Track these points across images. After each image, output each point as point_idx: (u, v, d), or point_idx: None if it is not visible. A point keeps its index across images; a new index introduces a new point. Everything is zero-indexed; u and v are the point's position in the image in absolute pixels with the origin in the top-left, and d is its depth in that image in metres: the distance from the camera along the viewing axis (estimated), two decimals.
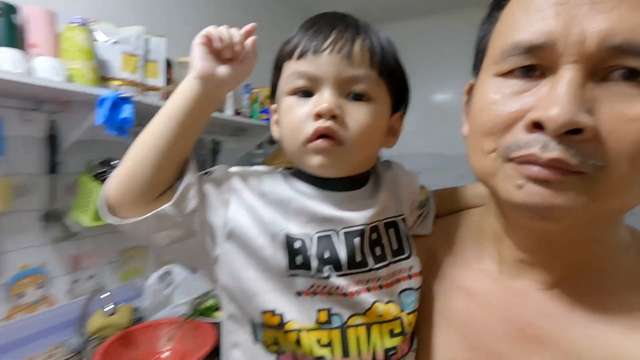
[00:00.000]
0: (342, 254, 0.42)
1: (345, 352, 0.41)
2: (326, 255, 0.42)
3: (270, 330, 0.42)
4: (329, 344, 0.41)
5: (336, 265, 0.42)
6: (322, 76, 0.42)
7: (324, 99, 0.41)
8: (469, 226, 0.50)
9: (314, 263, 0.41)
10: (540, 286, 0.40)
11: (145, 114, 1.21)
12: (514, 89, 0.34)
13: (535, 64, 0.33)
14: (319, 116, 0.41)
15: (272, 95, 0.50)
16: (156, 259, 1.46)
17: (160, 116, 0.40)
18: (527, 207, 0.33)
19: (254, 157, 1.95)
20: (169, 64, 1.29)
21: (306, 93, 0.43)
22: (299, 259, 0.41)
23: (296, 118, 0.43)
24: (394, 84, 0.46)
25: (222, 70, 0.41)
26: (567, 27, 0.31)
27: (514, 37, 0.34)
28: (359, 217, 0.44)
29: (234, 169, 0.47)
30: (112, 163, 1.07)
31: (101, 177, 1.07)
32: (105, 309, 1.09)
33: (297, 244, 0.42)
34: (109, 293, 1.14)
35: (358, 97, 0.43)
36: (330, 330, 0.41)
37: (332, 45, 0.42)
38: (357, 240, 0.42)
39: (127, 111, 0.93)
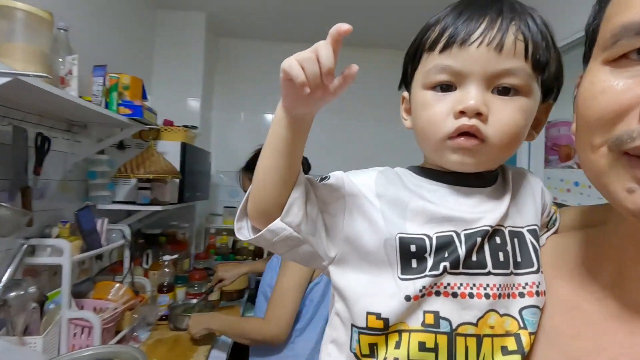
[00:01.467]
0: (462, 253, 0.40)
1: None
2: (445, 254, 0.40)
3: (369, 335, 0.40)
4: (433, 349, 0.38)
5: (453, 263, 0.39)
6: (468, 72, 0.40)
7: (470, 95, 0.39)
8: (586, 242, 0.45)
9: (430, 262, 0.40)
10: None
11: None
12: (627, 75, 0.30)
13: None
14: (462, 113, 0.39)
15: (403, 82, 0.49)
16: None
17: (266, 145, 0.42)
18: None
19: (93, 165, 1.45)
20: None
21: (446, 86, 0.41)
22: (413, 263, 0.41)
23: (435, 114, 0.42)
24: (547, 75, 0.42)
25: (309, 103, 0.38)
26: None
27: (625, 17, 0.30)
28: (483, 217, 0.42)
29: (350, 172, 0.46)
30: None
31: None
32: None
33: (412, 247, 0.41)
34: None
35: (506, 91, 0.40)
36: (437, 335, 0.39)
37: (482, 37, 0.39)
38: (479, 239, 0.40)
39: None
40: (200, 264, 2.06)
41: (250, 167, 1.21)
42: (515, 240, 0.43)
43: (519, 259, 0.42)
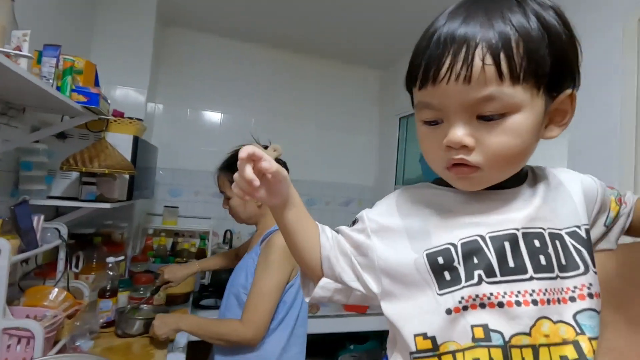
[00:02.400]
0: (492, 257, 0.39)
1: None
2: (475, 260, 0.39)
3: (421, 358, 0.40)
4: None
5: (487, 270, 0.39)
6: (447, 107, 0.40)
7: (453, 130, 0.39)
8: None
9: (462, 271, 0.39)
10: None
11: None
12: None
13: None
14: (449, 147, 0.40)
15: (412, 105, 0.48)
16: None
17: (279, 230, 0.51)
18: None
19: (29, 155, 1.27)
20: None
21: (436, 121, 0.42)
22: (446, 275, 0.40)
23: (430, 147, 0.43)
24: (543, 72, 0.38)
25: (265, 198, 0.46)
26: None
27: None
28: (506, 219, 0.41)
29: (374, 206, 0.50)
30: None
31: None
32: None
33: (440, 260, 0.41)
34: None
35: (490, 117, 0.38)
36: (490, 348, 0.37)
37: (449, 73, 0.38)
38: (506, 244, 0.40)
39: None
40: (138, 266, 1.91)
41: (228, 167, 1.19)
42: (557, 242, 0.41)
43: (563, 262, 0.40)
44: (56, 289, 1.21)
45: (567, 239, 0.42)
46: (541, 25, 0.38)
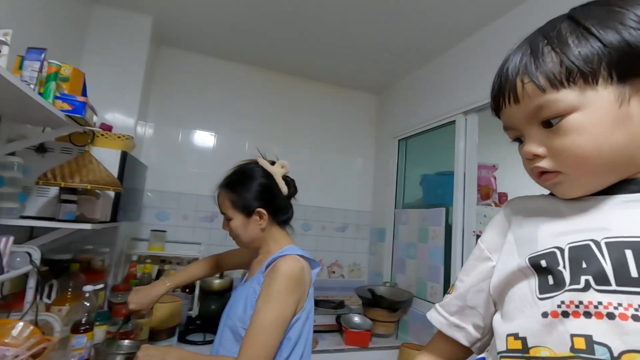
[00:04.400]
0: (606, 264, 0.36)
1: None
2: (583, 265, 0.37)
3: (508, 357, 0.40)
4: None
5: (597, 276, 0.36)
6: (516, 126, 0.45)
7: (525, 144, 0.44)
8: None
9: (567, 275, 0.38)
10: None
11: None
12: None
13: None
14: (529, 159, 0.44)
15: None
16: None
17: None
18: None
19: (0, 169, 1.14)
20: None
21: (520, 138, 0.46)
22: (549, 279, 0.39)
23: (523, 162, 0.47)
24: (591, 70, 0.38)
25: None
26: None
27: None
28: (631, 226, 0.37)
29: (487, 228, 0.52)
30: None
31: None
32: None
33: (543, 263, 0.40)
34: None
35: (550, 123, 0.41)
36: None
37: (501, 100, 0.45)
38: (628, 252, 0.36)
39: None
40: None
41: (230, 185, 1.07)
42: None
43: None
44: (21, 323, 1.05)
45: None
46: (586, 30, 0.40)
